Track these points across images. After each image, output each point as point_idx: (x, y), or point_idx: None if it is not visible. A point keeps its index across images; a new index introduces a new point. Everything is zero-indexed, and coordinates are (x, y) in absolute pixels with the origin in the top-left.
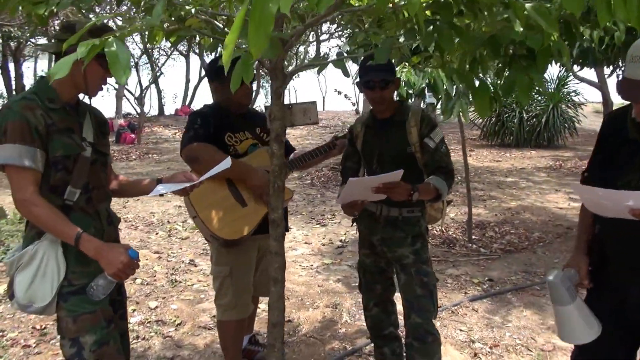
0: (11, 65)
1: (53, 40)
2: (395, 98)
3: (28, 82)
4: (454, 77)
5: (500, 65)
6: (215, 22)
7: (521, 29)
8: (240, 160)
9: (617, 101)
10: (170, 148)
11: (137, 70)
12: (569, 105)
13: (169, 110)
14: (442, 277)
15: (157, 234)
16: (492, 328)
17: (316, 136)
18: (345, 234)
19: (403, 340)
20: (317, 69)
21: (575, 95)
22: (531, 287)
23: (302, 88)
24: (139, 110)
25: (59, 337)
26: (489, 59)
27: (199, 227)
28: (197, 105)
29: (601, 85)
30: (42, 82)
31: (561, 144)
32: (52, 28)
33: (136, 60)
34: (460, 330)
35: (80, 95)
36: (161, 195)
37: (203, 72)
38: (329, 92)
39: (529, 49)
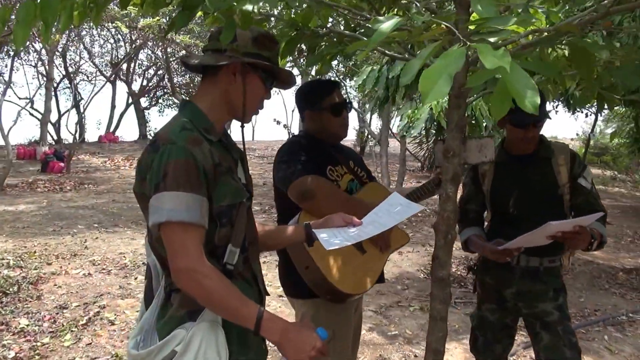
0: None
1: (204, 53)
2: None
3: None
4: None
5: None
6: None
7: None
8: (356, 198)
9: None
10: (105, 177)
11: (56, 95)
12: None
13: (90, 137)
14: None
15: (136, 278)
16: None
17: (255, 166)
18: None
19: None
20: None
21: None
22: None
23: None
24: (55, 138)
25: None
26: None
27: (308, 278)
28: (122, 133)
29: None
30: (193, 107)
31: None
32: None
33: (55, 85)
34: None
35: None
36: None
37: (130, 99)
38: (259, 121)
39: None
